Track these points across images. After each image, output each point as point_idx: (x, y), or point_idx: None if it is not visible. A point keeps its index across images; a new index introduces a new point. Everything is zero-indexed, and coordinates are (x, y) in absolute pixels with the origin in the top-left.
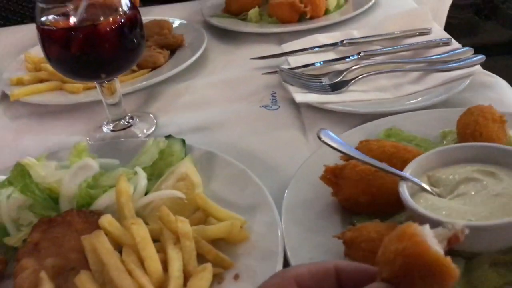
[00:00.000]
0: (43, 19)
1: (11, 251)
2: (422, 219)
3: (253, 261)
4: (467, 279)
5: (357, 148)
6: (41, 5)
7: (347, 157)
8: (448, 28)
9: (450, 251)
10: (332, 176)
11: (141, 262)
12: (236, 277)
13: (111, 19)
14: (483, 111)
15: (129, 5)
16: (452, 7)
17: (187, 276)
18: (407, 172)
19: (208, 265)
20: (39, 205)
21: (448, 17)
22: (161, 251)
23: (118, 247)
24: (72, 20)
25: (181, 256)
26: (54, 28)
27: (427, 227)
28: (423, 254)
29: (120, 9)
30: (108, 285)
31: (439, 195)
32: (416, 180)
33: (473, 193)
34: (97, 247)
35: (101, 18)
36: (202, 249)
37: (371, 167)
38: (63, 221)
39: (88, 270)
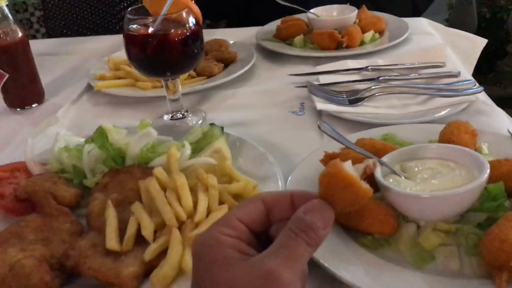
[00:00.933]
0: (129, 27)
1: (87, 190)
2: (385, 190)
3: None
4: (416, 239)
5: (355, 143)
6: (129, 16)
7: (343, 146)
8: (501, 75)
9: (406, 219)
10: (329, 160)
11: (179, 199)
12: None
13: (179, 31)
14: (459, 124)
15: (194, 22)
16: (509, 55)
17: (210, 213)
18: (384, 159)
19: (225, 206)
20: (110, 160)
21: (504, 64)
22: (194, 197)
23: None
24: (150, 29)
25: (207, 200)
26: (136, 34)
27: (348, 161)
28: (339, 174)
29: (187, 25)
30: (153, 212)
31: (406, 178)
32: (389, 164)
33: (426, 176)
34: (149, 187)
35: (172, 30)
36: (223, 198)
37: (359, 155)
38: (127, 171)
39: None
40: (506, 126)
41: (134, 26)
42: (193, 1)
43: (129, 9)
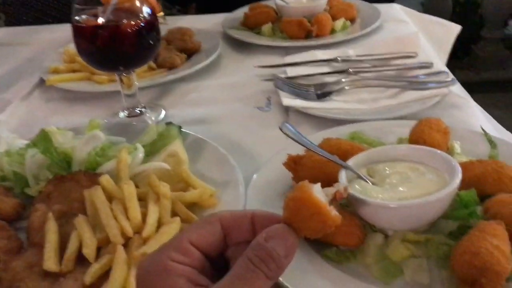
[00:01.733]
0: (77, 17)
1: (30, 200)
2: (350, 198)
3: None
4: (383, 250)
5: (320, 144)
6: (77, 6)
7: (306, 148)
8: (476, 60)
9: (373, 228)
10: (292, 163)
11: (126, 212)
12: None
13: (132, 22)
14: (430, 122)
15: (149, 12)
16: (483, 40)
17: (161, 226)
18: (349, 163)
19: (177, 219)
20: (55, 165)
21: (478, 49)
22: (144, 208)
23: (111, 201)
24: (100, 20)
25: (158, 211)
26: (85, 25)
27: (317, 184)
28: (308, 199)
29: (141, 15)
30: (98, 227)
31: (372, 183)
32: (354, 169)
33: (395, 182)
34: (94, 198)
35: (124, 20)
36: (176, 208)
37: (323, 158)
38: (72, 179)
39: (86, 216)
40: (479, 121)
41: (83, 16)
42: None
43: None
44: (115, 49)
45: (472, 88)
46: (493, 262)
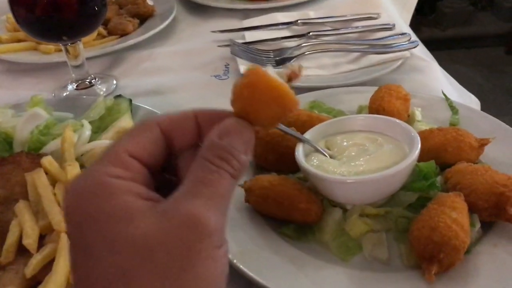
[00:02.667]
0: None
1: None
2: (306, 173)
3: None
4: (341, 226)
5: None
6: None
7: None
8: (441, 17)
9: (332, 203)
10: None
11: None
12: None
13: None
14: (390, 89)
15: None
16: None
17: None
18: (307, 136)
19: None
20: None
21: (443, 6)
22: None
23: (55, 184)
24: None
25: None
26: None
27: (270, 67)
28: (264, 81)
29: None
30: (40, 213)
31: (330, 156)
32: (311, 142)
33: (353, 154)
34: (36, 182)
35: None
36: None
37: (280, 131)
38: (13, 161)
39: (28, 201)
40: (442, 84)
41: None
42: None
43: None
44: (56, 17)
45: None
46: (451, 237)
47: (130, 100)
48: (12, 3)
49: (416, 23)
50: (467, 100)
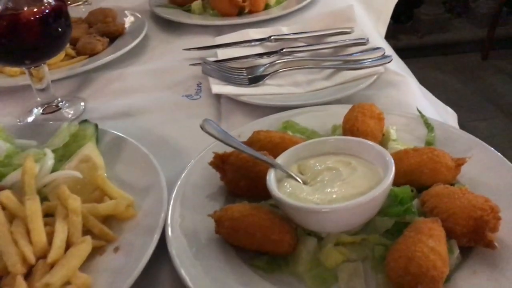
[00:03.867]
0: None
1: None
2: (278, 202)
3: (134, 235)
4: (316, 256)
5: (250, 137)
6: None
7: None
8: (418, 24)
9: (306, 231)
10: (219, 162)
11: (29, 234)
12: (116, 249)
13: (34, 9)
14: (363, 108)
15: None
16: (425, 4)
17: (69, 246)
18: (278, 161)
19: (88, 238)
20: None
21: (420, 13)
22: (53, 225)
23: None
24: None
25: (67, 229)
26: None
27: None
28: None
29: (45, 1)
30: None
31: (303, 181)
32: (283, 168)
33: (326, 179)
34: None
35: (25, 8)
36: (89, 224)
37: (251, 157)
38: None
39: None
40: (417, 100)
41: None
42: None
43: None
44: (17, 41)
45: (416, 52)
46: (429, 267)
47: (96, 125)
48: None
49: (393, 31)
50: (444, 113)
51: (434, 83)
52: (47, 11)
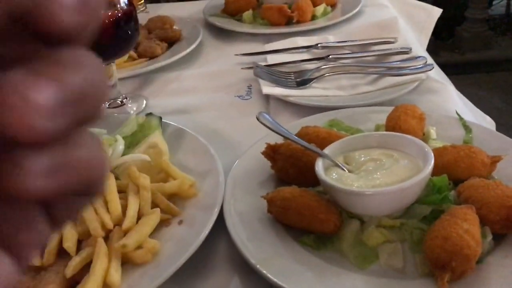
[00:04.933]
0: None
1: None
2: (325, 185)
3: (196, 211)
4: (359, 236)
5: (299, 132)
6: None
7: (283, 137)
8: (460, 41)
9: (350, 214)
10: (271, 152)
11: (106, 205)
12: (180, 222)
13: (109, 13)
14: (406, 108)
15: (126, 2)
16: (467, 20)
17: (141, 218)
18: (326, 151)
19: (157, 210)
20: None
21: (462, 30)
22: (125, 199)
23: None
24: None
25: (138, 203)
26: None
27: None
28: None
29: (118, 5)
30: (78, 220)
31: (349, 170)
32: (330, 157)
33: (370, 169)
34: None
35: (101, 11)
36: (157, 200)
37: (301, 147)
38: None
39: None
40: (456, 106)
41: None
42: None
43: None
44: (93, 41)
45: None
46: (463, 246)
47: (160, 118)
48: None
49: (434, 48)
50: (482, 121)
51: (474, 100)
52: (119, 14)
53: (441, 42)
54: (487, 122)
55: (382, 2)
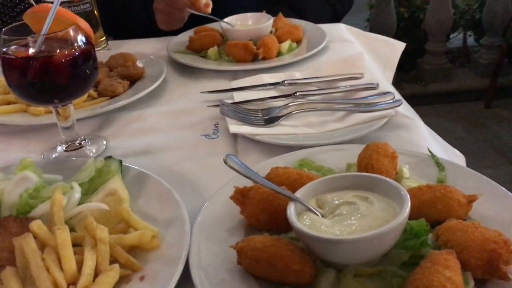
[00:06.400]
0: (5, 49)
1: None
2: (299, 233)
3: (159, 265)
4: (336, 287)
5: (269, 173)
6: (4, 36)
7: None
8: (422, 73)
9: (325, 263)
10: (240, 196)
11: (59, 261)
12: (142, 278)
13: (65, 52)
14: (377, 147)
15: (84, 40)
16: (428, 54)
17: (99, 275)
18: (298, 195)
19: (116, 266)
20: None
21: (423, 63)
22: (81, 254)
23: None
24: (31, 50)
25: (95, 258)
26: (14, 56)
27: None
28: None
29: (75, 44)
30: (28, 280)
31: (322, 215)
32: (303, 201)
33: (344, 213)
34: (24, 247)
35: (57, 51)
36: (116, 253)
37: (272, 190)
38: (0, 225)
39: (15, 267)
40: (427, 141)
41: (12, 47)
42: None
43: (4, 28)
44: (49, 81)
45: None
46: None
47: (121, 161)
48: (4, 67)
49: (397, 80)
50: (452, 155)
51: (438, 130)
52: (77, 53)
53: (403, 74)
54: (457, 156)
55: (347, 38)
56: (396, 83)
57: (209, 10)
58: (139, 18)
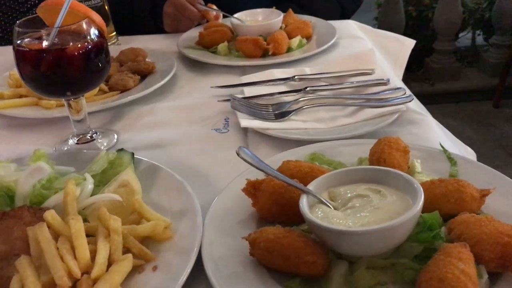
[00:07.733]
0: (19, 41)
1: None
2: (311, 225)
3: (171, 256)
4: (348, 278)
5: (280, 167)
6: (17, 29)
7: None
8: (430, 72)
9: (337, 255)
10: (251, 189)
11: (73, 250)
12: (155, 268)
13: (78, 45)
14: (389, 141)
15: (96, 34)
16: (436, 53)
17: (112, 264)
18: (310, 188)
19: (129, 255)
20: None
21: (431, 61)
22: (94, 244)
23: (57, 239)
24: (44, 43)
25: (109, 247)
26: (27, 49)
27: None
28: None
29: (88, 37)
30: (43, 268)
31: (334, 207)
32: (315, 194)
33: (357, 205)
34: (38, 236)
35: (70, 43)
36: (129, 244)
37: (284, 183)
38: (15, 215)
39: (29, 256)
40: (438, 137)
41: (26, 40)
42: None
43: (18, 21)
44: (61, 74)
45: (428, 100)
46: None
47: (132, 154)
48: (18, 59)
49: (405, 78)
50: (463, 151)
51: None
52: (89, 46)
53: (411, 74)
54: (469, 153)
55: (357, 34)
56: (404, 81)
57: (220, 21)
58: (144, 20)
